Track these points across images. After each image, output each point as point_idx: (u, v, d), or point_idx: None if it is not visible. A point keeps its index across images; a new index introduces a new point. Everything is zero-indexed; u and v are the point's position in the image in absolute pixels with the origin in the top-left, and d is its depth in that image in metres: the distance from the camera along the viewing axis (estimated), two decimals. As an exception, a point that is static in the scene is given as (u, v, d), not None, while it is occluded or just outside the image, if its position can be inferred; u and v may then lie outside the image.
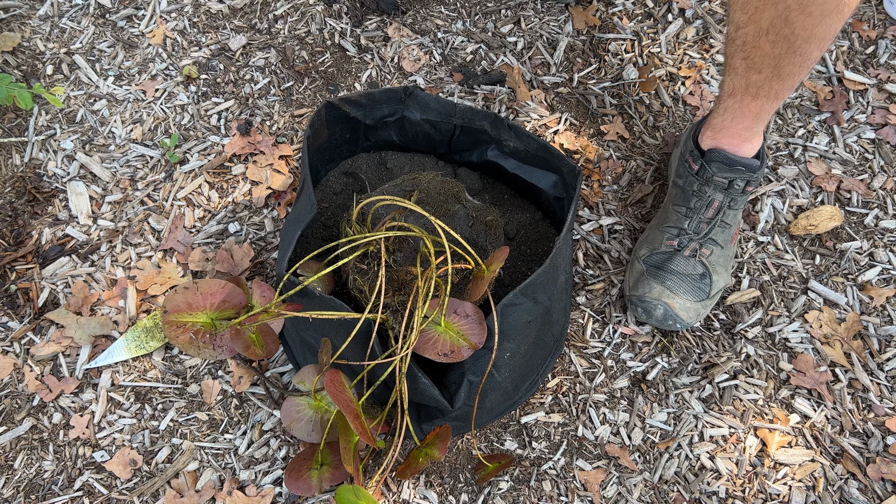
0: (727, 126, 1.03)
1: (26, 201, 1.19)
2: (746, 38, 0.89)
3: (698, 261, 1.06)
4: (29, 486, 1.00)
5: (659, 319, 1.04)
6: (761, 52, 0.89)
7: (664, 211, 1.12)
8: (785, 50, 0.87)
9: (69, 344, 1.07)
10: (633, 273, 1.09)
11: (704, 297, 1.05)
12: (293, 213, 0.98)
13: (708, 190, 1.05)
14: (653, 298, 1.04)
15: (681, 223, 1.07)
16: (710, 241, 1.06)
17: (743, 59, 0.93)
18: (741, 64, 0.94)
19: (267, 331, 0.91)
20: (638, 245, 1.11)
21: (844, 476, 1.02)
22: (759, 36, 0.88)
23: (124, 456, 1.01)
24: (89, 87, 1.29)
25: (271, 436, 1.03)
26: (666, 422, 1.05)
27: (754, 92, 0.96)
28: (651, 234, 1.10)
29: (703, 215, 1.06)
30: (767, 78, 0.93)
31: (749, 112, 0.99)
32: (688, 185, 1.07)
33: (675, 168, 1.14)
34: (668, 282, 1.04)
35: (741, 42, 0.91)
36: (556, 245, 0.90)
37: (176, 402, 1.05)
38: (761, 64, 0.92)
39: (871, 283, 1.15)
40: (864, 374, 1.08)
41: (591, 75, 1.33)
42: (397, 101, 1.06)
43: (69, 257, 1.14)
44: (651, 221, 1.14)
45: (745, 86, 0.96)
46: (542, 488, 1.00)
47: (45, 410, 1.05)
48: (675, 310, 1.04)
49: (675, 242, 1.06)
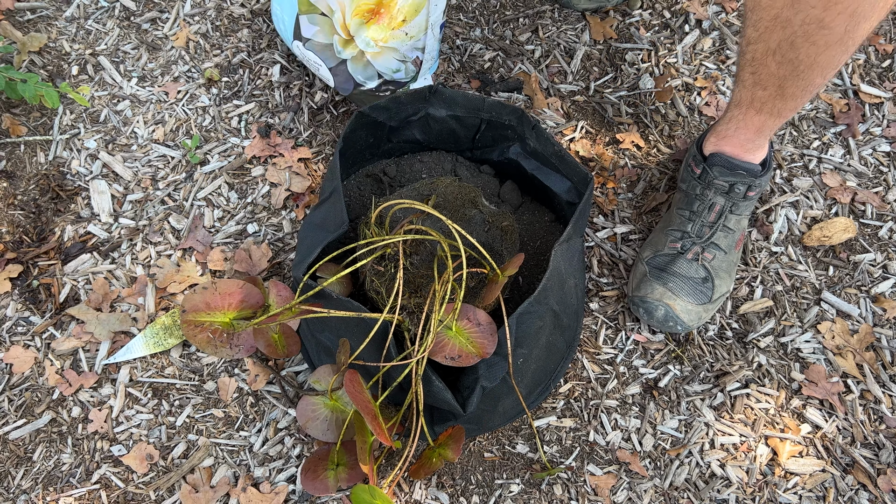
0: (731, 135, 1.05)
1: (50, 199, 1.21)
2: (756, 55, 0.91)
3: (700, 264, 1.07)
4: (47, 478, 1.02)
5: (660, 320, 1.05)
6: (768, 71, 0.91)
7: (669, 214, 1.13)
8: (789, 72, 0.89)
9: (89, 339, 1.09)
10: (637, 274, 1.10)
11: (706, 300, 1.06)
12: (316, 217, 1.00)
13: (709, 193, 1.07)
14: (654, 299, 1.05)
15: (684, 226, 1.08)
16: (713, 245, 1.07)
17: (751, 73, 0.95)
18: (749, 78, 0.96)
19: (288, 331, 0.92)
20: (642, 248, 1.13)
21: (855, 487, 1.02)
22: (768, 55, 0.89)
23: (141, 450, 1.03)
24: (113, 88, 1.31)
25: (286, 434, 1.04)
26: (677, 429, 1.06)
27: (758, 107, 0.98)
28: (655, 237, 1.12)
29: (705, 219, 1.07)
30: (772, 96, 0.95)
31: (752, 125, 1.02)
32: (690, 188, 1.09)
33: (681, 174, 1.16)
34: (669, 283, 1.05)
35: (750, 57, 0.92)
36: (553, 252, 0.90)
37: (193, 398, 1.07)
38: (767, 81, 0.93)
39: (884, 295, 1.15)
40: (876, 385, 1.08)
41: (608, 84, 1.34)
42: (422, 100, 1.08)
43: (90, 254, 1.16)
44: (657, 224, 1.15)
45: (751, 99, 0.98)
46: (553, 492, 1.01)
47: (65, 404, 1.06)
48: (676, 311, 1.04)
49: (678, 245, 1.08)
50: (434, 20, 1.09)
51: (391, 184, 1.15)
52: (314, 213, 1.02)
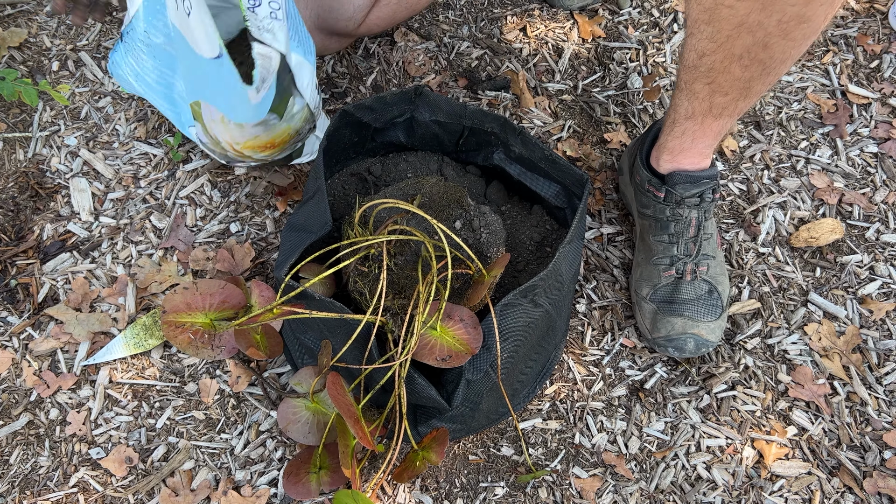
0: (687, 147, 1.01)
1: (29, 196, 1.19)
2: (713, 65, 0.88)
3: (701, 280, 1.05)
4: (24, 481, 1.00)
5: (692, 352, 1.04)
6: (731, 76, 0.88)
7: (644, 245, 1.10)
8: (758, 73, 0.87)
9: (68, 340, 1.07)
10: (646, 315, 1.07)
11: (720, 311, 1.05)
12: (299, 217, 0.98)
13: (683, 211, 1.04)
14: (679, 334, 1.03)
15: (669, 251, 1.06)
16: (704, 256, 1.06)
17: (707, 84, 0.91)
18: (704, 89, 0.92)
19: (271, 331, 0.91)
20: (636, 286, 1.10)
21: (841, 490, 1.01)
22: (731, 62, 0.86)
23: (120, 453, 1.01)
24: (94, 85, 1.29)
25: (268, 436, 1.03)
26: (663, 431, 1.05)
27: (717, 112, 0.95)
28: (645, 272, 1.09)
29: (686, 236, 1.05)
30: (734, 99, 0.93)
31: (711, 131, 0.99)
32: (659, 213, 1.06)
33: (633, 198, 1.12)
34: (686, 312, 1.04)
35: (706, 69, 0.89)
36: (559, 251, 0.90)
37: (173, 400, 1.05)
38: (728, 87, 0.90)
39: (871, 296, 1.15)
40: (862, 387, 1.08)
41: (596, 83, 1.33)
42: (407, 101, 1.06)
43: (70, 253, 1.15)
44: (635, 259, 1.12)
45: (708, 108, 0.95)
46: (538, 495, 1.00)
47: (43, 406, 1.05)
48: (704, 337, 1.03)
49: (672, 272, 1.06)
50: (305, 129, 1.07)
51: (376, 183, 1.13)
52: (298, 212, 1.01)
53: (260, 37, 0.86)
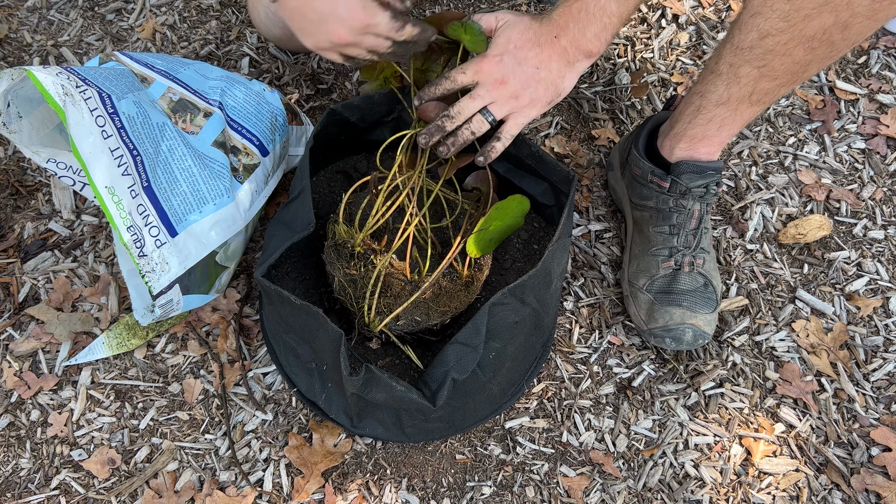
0: (711, 135, 0.98)
1: (9, 195, 1.17)
2: (774, 47, 0.83)
3: (697, 272, 1.04)
4: (5, 484, 0.98)
5: (690, 343, 1.02)
6: (789, 60, 0.84)
7: (642, 237, 1.09)
8: (821, 56, 0.83)
9: (49, 340, 1.06)
10: (641, 306, 1.06)
11: (715, 304, 1.04)
12: (284, 216, 0.97)
13: (686, 202, 1.03)
14: (677, 324, 1.02)
15: (669, 242, 1.05)
16: (701, 250, 1.05)
17: (757, 67, 0.87)
18: (751, 73, 0.88)
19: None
20: (632, 277, 1.08)
21: (829, 486, 1.01)
22: (797, 44, 0.82)
23: (103, 455, 1.00)
24: (76, 81, 1.27)
25: (253, 437, 1.02)
26: (651, 429, 1.05)
27: (757, 99, 0.91)
28: (642, 263, 1.07)
29: (687, 228, 1.04)
30: (780, 85, 0.89)
31: (742, 119, 0.96)
32: (662, 203, 1.04)
33: (625, 193, 1.11)
34: (684, 303, 1.03)
35: (763, 51, 0.84)
36: (548, 249, 0.89)
37: (157, 400, 1.04)
38: (781, 72, 0.86)
39: (858, 293, 1.15)
40: (849, 384, 1.08)
41: (584, 79, 1.32)
42: (395, 101, 1.05)
43: (51, 252, 1.13)
44: (631, 251, 1.11)
45: (748, 93, 0.91)
46: (525, 494, 0.99)
47: (23, 407, 1.03)
48: (701, 328, 1.02)
49: (671, 262, 1.05)
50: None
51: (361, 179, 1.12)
52: (283, 211, 1.00)
53: (156, 285, 0.89)
